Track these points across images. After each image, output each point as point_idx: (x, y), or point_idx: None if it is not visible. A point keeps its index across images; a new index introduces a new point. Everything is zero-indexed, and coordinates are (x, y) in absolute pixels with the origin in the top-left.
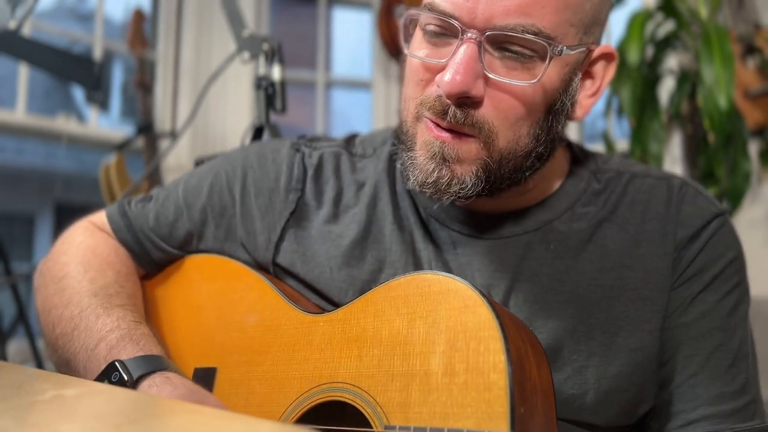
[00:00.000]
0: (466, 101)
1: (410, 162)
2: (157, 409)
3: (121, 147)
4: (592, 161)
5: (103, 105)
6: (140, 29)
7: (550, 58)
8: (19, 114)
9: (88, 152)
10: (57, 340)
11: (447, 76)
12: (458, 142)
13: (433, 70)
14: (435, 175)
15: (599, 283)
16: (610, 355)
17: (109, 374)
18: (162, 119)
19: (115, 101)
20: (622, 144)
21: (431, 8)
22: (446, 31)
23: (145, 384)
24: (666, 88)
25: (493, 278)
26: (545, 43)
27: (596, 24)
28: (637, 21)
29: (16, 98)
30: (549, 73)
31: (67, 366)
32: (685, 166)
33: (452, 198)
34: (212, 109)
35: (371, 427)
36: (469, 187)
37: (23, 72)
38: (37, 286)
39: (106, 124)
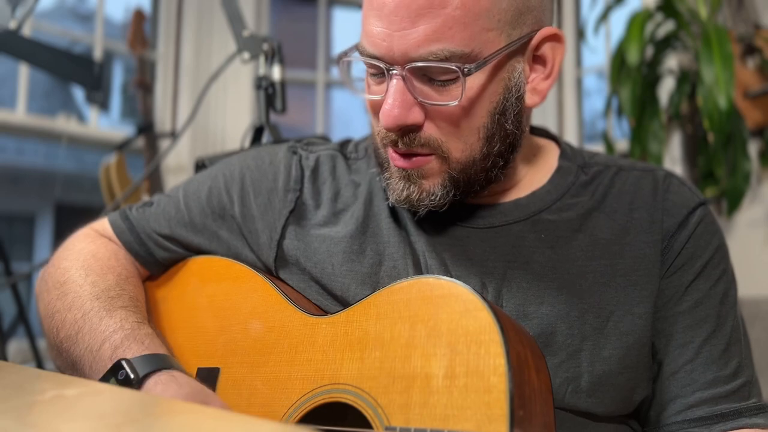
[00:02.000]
0: (407, 129)
1: (387, 182)
2: (157, 409)
3: (122, 147)
4: (579, 156)
5: (103, 105)
6: (140, 29)
7: (464, 79)
8: (19, 114)
9: (88, 152)
10: (61, 343)
11: (383, 111)
12: (419, 164)
13: (379, 105)
14: (405, 192)
15: (590, 269)
16: (602, 339)
17: (115, 372)
18: (162, 119)
19: (115, 101)
20: (622, 144)
21: (361, 52)
22: (378, 69)
23: (150, 381)
24: (666, 88)
25: (487, 266)
26: (455, 68)
27: (525, 13)
28: (637, 21)
29: (16, 98)
30: (474, 85)
31: (72, 368)
32: (685, 166)
33: (428, 209)
34: (212, 109)
35: (372, 428)
36: (440, 197)
37: (23, 72)
38: (39, 292)
39: (106, 124)
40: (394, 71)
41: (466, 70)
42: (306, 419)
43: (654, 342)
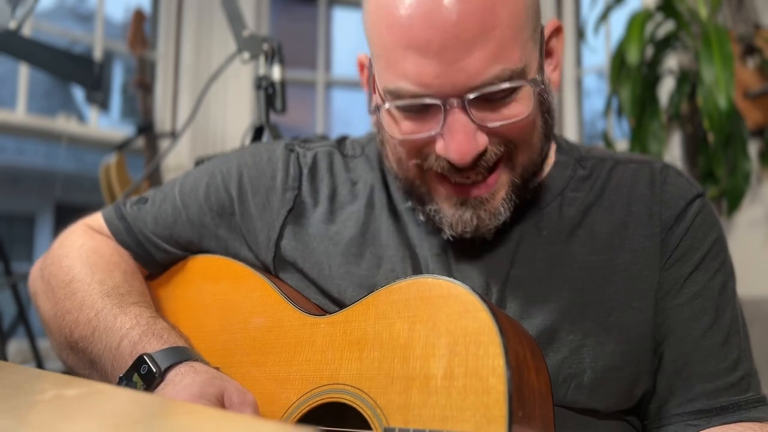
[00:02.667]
0: (479, 156)
1: (438, 215)
2: (158, 410)
3: (122, 147)
4: (576, 150)
5: (103, 105)
6: (140, 29)
7: (535, 91)
8: (19, 114)
9: (88, 152)
10: (76, 343)
11: (452, 148)
12: (493, 183)
13: (426, 141)
14: (475, 221)
15: (591, 265)
16: (604, 334)
17: (137, 367)
18: (162, 119)
19: (115, 101)
20: (622, 144)
21: (399, 95)
22: (423, 107)
23: (171, 373)
24: (666, 88)
25: (491, 267)
26: (525, 83)
27: (539, 15)
28: (637, 21)
29: (16, 98)
30: (532, 94)
31: (91, 367)
32: (685, 166)
33: (492, 230)
34: (212, 109)
35: (371, 428)
36: (503, 213)
37: (23, 72)
38: (39, 290)
39: (106, 124)
40: (453, 104)
41: (536, 82)
42: (305, 419)
43: (654, 335)
